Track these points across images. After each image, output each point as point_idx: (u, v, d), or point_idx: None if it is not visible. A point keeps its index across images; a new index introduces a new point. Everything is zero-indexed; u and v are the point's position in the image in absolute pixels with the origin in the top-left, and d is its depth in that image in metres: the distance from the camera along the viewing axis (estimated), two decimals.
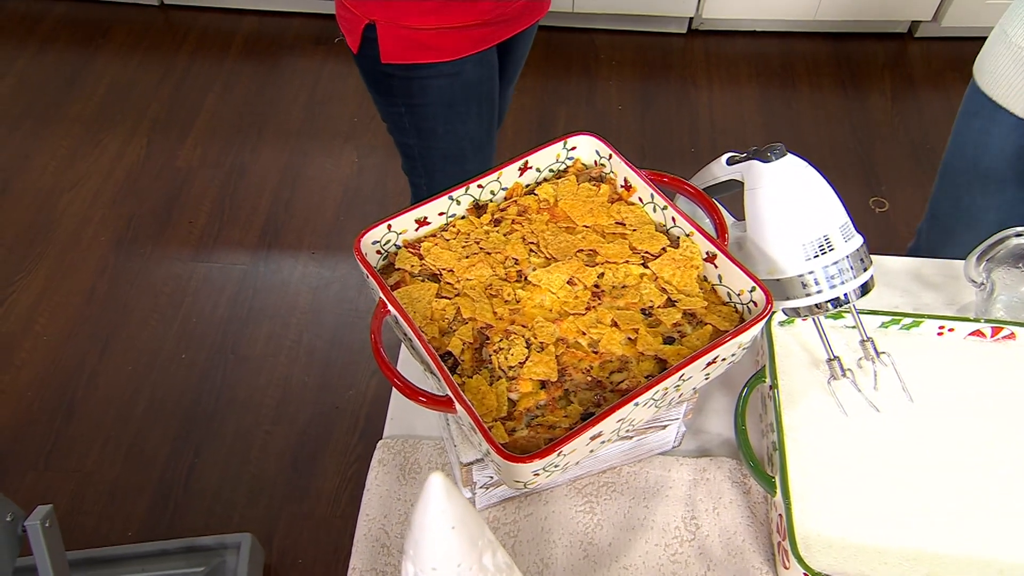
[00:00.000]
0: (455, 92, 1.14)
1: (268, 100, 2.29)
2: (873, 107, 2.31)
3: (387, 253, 0.71)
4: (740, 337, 0.61)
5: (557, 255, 0.69)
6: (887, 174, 2.14)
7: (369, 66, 1.12)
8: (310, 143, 2.19)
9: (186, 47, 2.44)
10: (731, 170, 0.74)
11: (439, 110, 1.16)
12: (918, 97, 2.33)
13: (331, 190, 2.08)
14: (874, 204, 2.07)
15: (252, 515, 1.52)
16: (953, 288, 0.89)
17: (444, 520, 0.41)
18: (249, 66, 2.39)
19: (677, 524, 0.72)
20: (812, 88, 2.37)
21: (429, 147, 1.22)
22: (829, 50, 2.47)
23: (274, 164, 2.13)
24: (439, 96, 1.14)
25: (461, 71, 1.12)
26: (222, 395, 1.69)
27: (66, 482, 1.56)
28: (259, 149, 2.17)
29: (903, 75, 2.40)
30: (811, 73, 2.41)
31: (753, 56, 2.46)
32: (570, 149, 0.76)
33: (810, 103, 2.33)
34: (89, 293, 1.85)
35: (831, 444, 0.73)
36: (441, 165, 1.24)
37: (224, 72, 2.37)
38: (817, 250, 0.67)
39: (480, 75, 1.15)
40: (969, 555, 0.67)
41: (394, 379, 0.59)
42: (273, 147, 2.17)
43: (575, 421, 0.60)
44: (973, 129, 1.11)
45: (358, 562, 0.70)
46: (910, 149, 2.20)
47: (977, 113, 1.10)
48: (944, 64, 2.42)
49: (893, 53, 2.46)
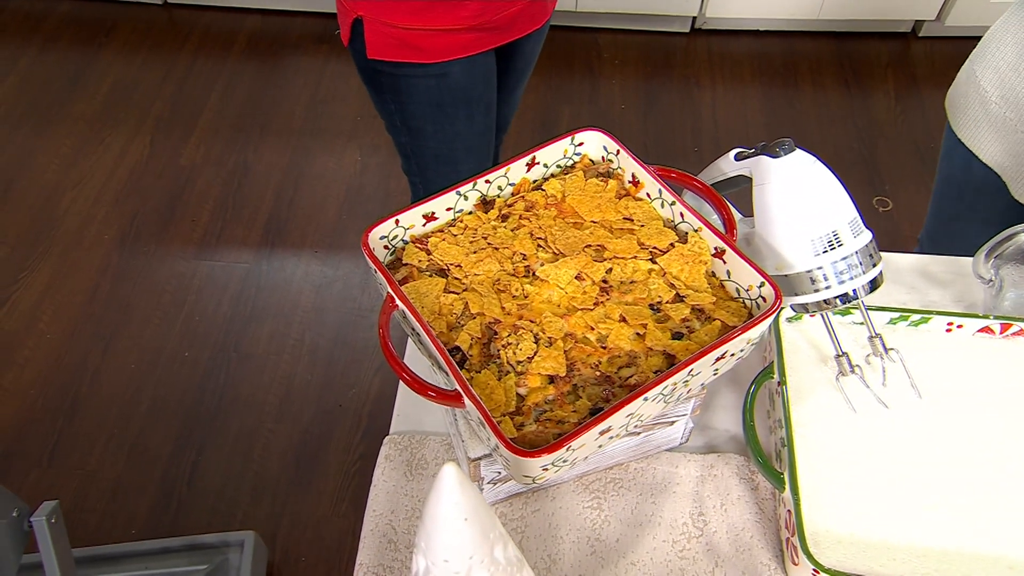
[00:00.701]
0: (442, 93, 1.13)
1: (271, 99, 2.29)
2: (876, 106, 2.31)
3: (394, 248, 0.70)
4: (749, 333, 0.61)
5: (565, 250, 0.69)
6: (890, 174, 2.14)
7: (359, 60, 1.12)
8: (313, 142, 2.19)
9: (189, 46, 2.44)
10: (739, 166, 0.74)
11: (427, 109, 1.15)
12: (921, 97, 2.33)
13: (334, 189, 2.08)
14: (878, 203, 2.07)
15: (255, 513, 1.52)
16: (961, 285, 0.89)
17: (457, 512, 0.41)
18: (252, 65, 2.39)
19: (685, 520, 0.72)
20: (815, 88, 2.36)
21: (420, 146, 1.22)
22: (832, 49, 2.47)
23: (277, 163, 2.13)
24: (426, 96, 1.13)
25: (448, 73, 1.10)
26: (225, 393, 1.68)
27: (69, 480, 1.56)
28: (262, 148, 2.17)
29: (907, 75, 2.40)
30: (814, 72, 2.41)
31: (756, 55, 2.46)
32: (578, 145, 0.76)
33: (813, 103, 2.32)
34: (92, 291, 1.85)
35: (839, 440, 0.73)
36: (433, 165, 1.24)
37: (227, 71, 2.37)
38: (826, 246, 0.67)
39: (470, 79, 1.13)
40: (978, 551, 0.67)
41: (402, 373, 0.59)
42: (276, 146, 2.17)
43: (584, 416, 0.60)
44: (954, 166, 1.08)
45: (365, 558, 0.69)
46: (913, 148, 2.20)
47: (952, 153, 1.06)
48: (948, 63, 2.41)
49: (897, 53, 2.46)
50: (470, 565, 0.43)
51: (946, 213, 1.13)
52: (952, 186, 1.10)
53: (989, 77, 0.96)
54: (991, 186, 1.02)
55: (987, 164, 1.00)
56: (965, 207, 1.09)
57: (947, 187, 1.11)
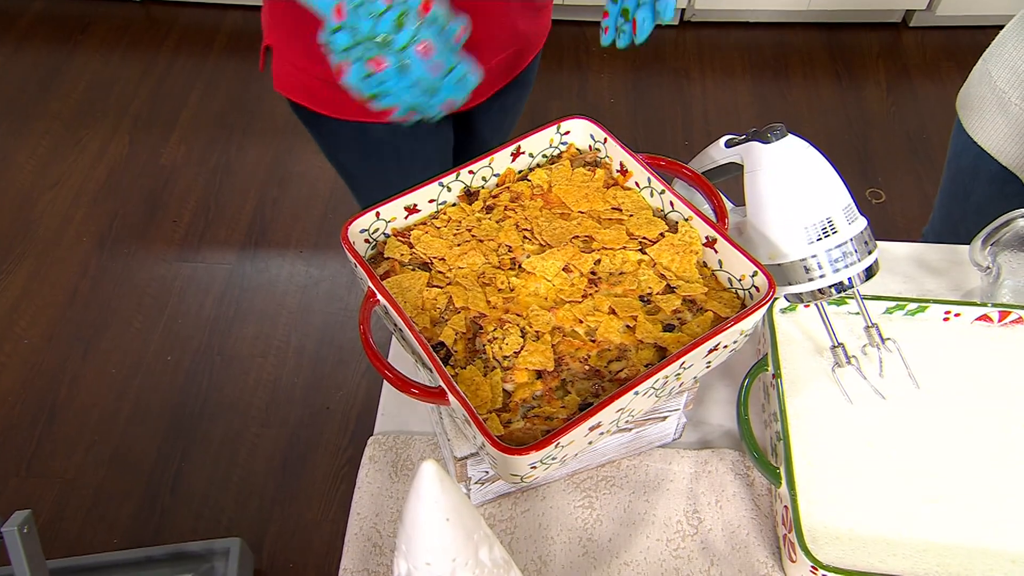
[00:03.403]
0: (365, 148, 0.96)
1: (253, 96, 2.27)
2: (868, 98, 2.31)
3: (375, 242, 0.69)
4: (742, 323, 0.60)
5: (552, 242, 0.67)
6: (883, 165, 2.14)
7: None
8: (297, 140, 2.16)
9: (168, 43, 2.42)
10: (730, 152, 0.72)
11: (353, 157, 0.99)
12: (913, 87, 2.33)
13: (318, 187, 2.06)
14: (871, 195, 2.07)
15: (241, 519, 1.50)
16: (958, 273, 0.88)
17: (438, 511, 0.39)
18: (233, 62, 2.37)
19: (679, 518, 0.71)
20: (806, 79, 2.36)
21: (357, 188, 1.06)
22: (823, 41, 2.47)
23: (260, 161, 2.11)
24: (345, 145, 0.97)
25: (367, 131, 0.94)
26: (209, 397, 1.66)
27: (48, 488, 1.53)
28: (244, 146, 2.15)
29: (898, 65, 2.40)
30: (805, 64, 2.40)
31: (746, 47, 2.45)
32: (564, 133, 0.75)
33: (804, 94, 2.32)
34: (71, 294, 1.83)
35: (836, 433, 0.72)
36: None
37: (208, 68, 2.34)
38: (820, 233, 0.66)
39: (403, 140, 0.95)
40: (981, 545, 0.66)
41: (384, 370, 0.58)
42: (259, 144, 2.15)
43: (573, 412, 0.58)
44: (963, 169, 1.06)
45: (349, 562, 0.68)
46: (906, 139, 2.20)
47: (962, 153, 1.04)
48: (939, 53, 2.42)
49: (887, 43, 2.46)
50: (453, 568, 0.41)
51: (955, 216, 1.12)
52: (960, 186, 1.08)
53: (1007, 78, 0.95)
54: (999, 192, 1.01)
55: (1005, 165, 0.99)
56: (972, 210, 1.07)
57: (955, 186, 1.10)
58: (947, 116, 1.13)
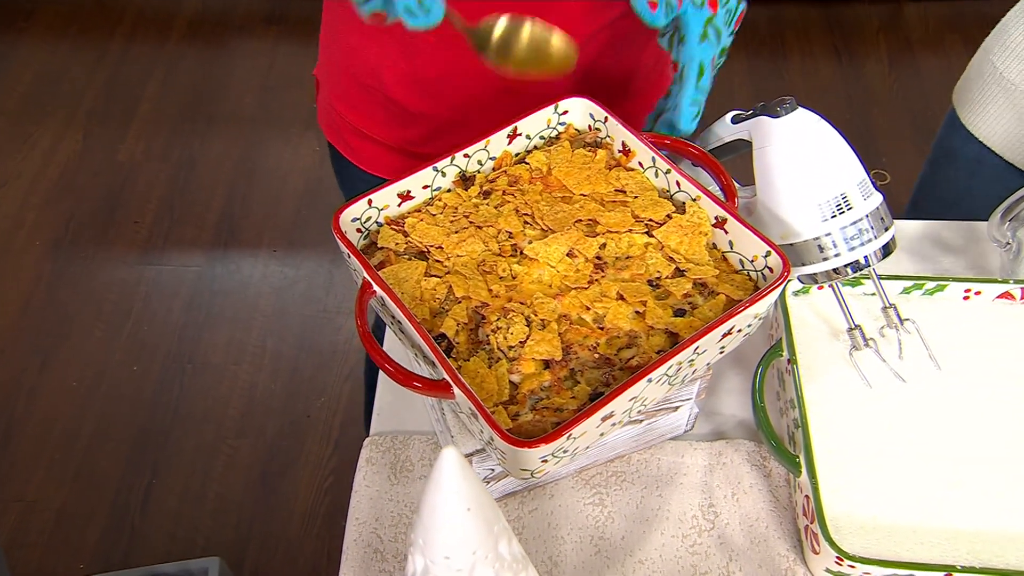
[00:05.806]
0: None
1: (217, 85, 2.26)
2: (869, 74, 2.34)
3: (368, 231, 0.69)
4: (756, 306, 0.61)
5: (554, 226, 0.68)
6: (887, 145, 2.17)
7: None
8: (266, 131, 2.16)
9: (122, 29, 2.40)
10: (737, 129, 0.74)
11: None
12: (916, 62, 2.37)
13: (291, 182, 2.06)
14: (875, 176, 2.10)
15: (219, 538, 1.50)
16: (975, 251, 0.90)
17: (459, 501, 0.40)
18: (194, 49, 2.35)
19: (694, 513, 0.72)
20: (803, 56, 2.39)
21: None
22: (820, 15, 2.50)
23: (227, 155, 2.10)
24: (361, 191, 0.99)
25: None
26: (180, 408, 1.66)
27: (6, 513, 1.52)
28: (209, 140, 2.14)
29: (899, 39, 2.43)
30: (802, 40, 2.43)
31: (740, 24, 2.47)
32: (562, 113, 0.76)
33: (802, 73, 2.35)
34: (24, 303, 1.81)
35: (856, 419, 0.73)
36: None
37: (166, 56, 2.33)
38: (834, 210, 0.67)
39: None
40: (1011, 531, 0.67)
41: (385, 364, 0.58)
42: (225, 137, 2.14)
43: (584, 402, 0.59)
44: (954, 169, 1.05)
45: (349, 571, 0.68)
46: (910, 118, 2.23)
47: (958, 152, 1.03)
48: (942, 26, 2.45)
49: (888, 16, 2.50)
50: (473, 561, 0.42)
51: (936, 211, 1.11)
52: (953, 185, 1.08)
53: (1014, 67, 0.94)
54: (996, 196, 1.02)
55: (1011, 162, 0.99)
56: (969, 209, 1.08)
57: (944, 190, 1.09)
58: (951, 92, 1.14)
